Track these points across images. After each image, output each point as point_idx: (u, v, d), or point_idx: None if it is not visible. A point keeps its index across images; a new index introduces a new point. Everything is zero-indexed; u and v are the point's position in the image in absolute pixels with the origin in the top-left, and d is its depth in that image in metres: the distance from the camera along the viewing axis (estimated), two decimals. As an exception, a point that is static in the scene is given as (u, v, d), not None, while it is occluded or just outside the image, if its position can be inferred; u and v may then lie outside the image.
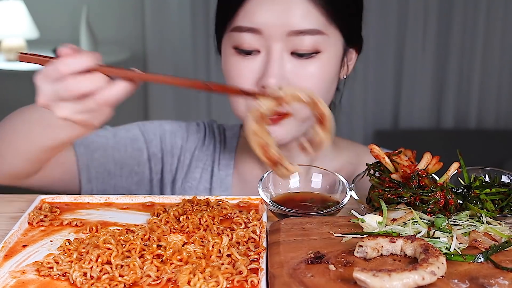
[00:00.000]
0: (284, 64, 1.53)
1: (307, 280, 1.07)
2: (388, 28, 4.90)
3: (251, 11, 1.52)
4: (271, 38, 1.52)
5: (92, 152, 1.77)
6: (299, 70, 1.54)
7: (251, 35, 1.53)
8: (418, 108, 5.02)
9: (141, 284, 1.13)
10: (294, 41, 1.52)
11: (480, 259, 1.15)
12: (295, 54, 1.54)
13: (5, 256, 1.23)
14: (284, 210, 1.37)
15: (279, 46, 1.52)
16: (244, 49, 1.55)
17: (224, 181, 1.80)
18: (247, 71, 1.55)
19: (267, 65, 1.53)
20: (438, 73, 4.98)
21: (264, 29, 1.51)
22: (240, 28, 1.54)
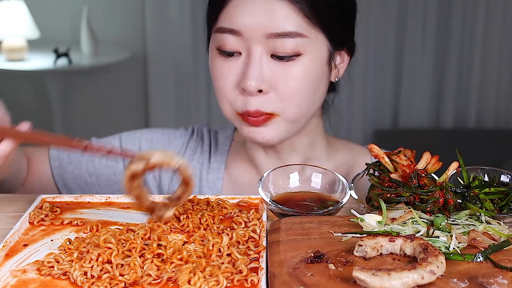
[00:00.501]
0: (264, 66, 1.53)
1: (306, 279, 1.07)
2: (388, 28, 4.91)
3: (232, 13, 1.53)
4: (251, 40, 1.52)
5: (66, 165, 1.82)
6: (279, 72, 1.54)
7: (232, 37, 1.53)
8: (418, 108, 5.03)
9: (141, 283, 1.13)
10: (274, 43, 1.52)
11: (479, 258, 1.15)
12: (275, 57, 1.53)
13: (6, 255, 1.23)
14: (284, 209, 1.37)
15: (259, 48, 1.52)
16: (225, 51, 1.56)
17: (215, 184, 1.80)
18: (228, 72, 1.56)
19: (247, 67, 1.53)
20: (438, 73, 4.99)
21: (244, 31, 1.52)
22: (222, 29, 1.55)
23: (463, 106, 5.03)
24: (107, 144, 1.85)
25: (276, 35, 1.51)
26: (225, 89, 1.57)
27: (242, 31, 1.52)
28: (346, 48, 1.67)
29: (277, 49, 1.52)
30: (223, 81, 1.57)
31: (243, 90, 1.54)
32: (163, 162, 1.29)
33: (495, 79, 4.97)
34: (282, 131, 1.60)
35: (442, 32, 4.90)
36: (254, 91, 1.52)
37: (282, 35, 1.51)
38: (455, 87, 5.00)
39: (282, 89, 1.55)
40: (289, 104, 1.56)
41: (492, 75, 4.96)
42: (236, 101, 1.57)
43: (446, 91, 5.00)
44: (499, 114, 5.04)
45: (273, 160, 1.74)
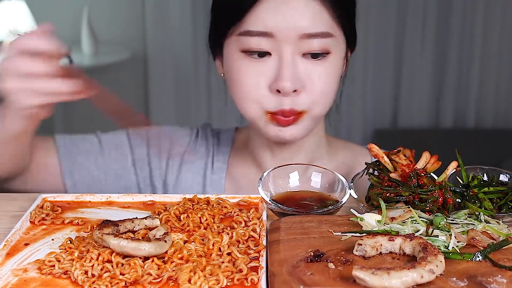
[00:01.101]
0: (297, 66, 1.53)
1: (306, 278, 1.07)
2: (387, 28, 4.91)
3: (262, 15, 1.51)
4: (283, 41, 1.52)
5: (75, 156, 1.80)
6: (311, 71, 1.55)
7: (263, 39, 1.52)
8: (417, 108, 5.03)
9: (142, 283, 1.13)
10: (305, 43, 1.52)
11: (478, 257, 1.15)
12: (307, 56, 1.54)
13: (7, 254, 1.24)
14: (284, 208, 1.38)
15: (291, 48, 1.52)
16: (255, 52, 1.54)
17: (218, 183, 1.81)
18: (258, 73, 1.55)
19: (280, 68, 1.53)
20: (437, 73, 4.99)
21: (277, 33, 1.51)
22: (251, 32, 1.53)
23: (462, 106, 5.03)
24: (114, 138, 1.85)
25: (309, 36, 1.52)
26: (254, 89, 1.56)
27: (275, 34, 1.51)
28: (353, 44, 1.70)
29: (308, 49, 1.53)
30: (252, 81, 1.55)
31: (277, 91, 1.53)
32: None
33: (494, 79, 4.98)
34: (307, 127, 1.61)
35: (442, 32, 4.90)
36: (290, 91, 1.52)
37: (315, 35, 1.52)
38: (454, 87, 5.00)
39: (314, 87, 1.55)
40: (319, 102, 1.58)
41: (492, 75, 4.96)
42: (267, 101, 1.56)
43: (446, 91, 5.00)
44: (498, 114, 5.04)
45: (278, 160, 1.73)
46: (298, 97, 1.55)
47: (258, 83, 1.55)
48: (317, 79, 1.55)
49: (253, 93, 1.56)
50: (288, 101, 1.54)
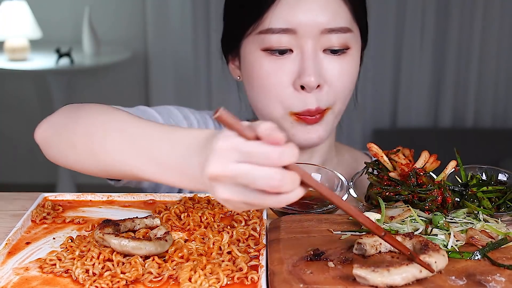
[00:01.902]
0: (319, 61, 1.54)
1: (306, 277, 1.08)
2: (386, 27, 4.92)
3: (284, 12, 1.51)
4: (305, 37, 1.52)
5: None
6: (333, 66, 1.55)
7: (284, 36, 1.52)
8: (416, 107, 5.04)
9: (142, 281, 1.13)
10: (326, 38, 1.52)
11: (477, 256, 1.15)
12: (328, 51, 1.54)
13: (9, 253, 1.24)
14: (284, 208, 1.37)
15: (312, 44, 1.52)
16: (277, 50, 1.54)
17: None
18: (281, 71, 1.54)
19: (303, 63, 1.52)
20: (436, 73, 5.00)
21: (299, 29, 1.51)
22: (272, 30, 1.52)
23: (461, 105, 5.04)
24: (162, 109, 1.69)
25: (330, 31, 1.52)
26: (278, 87, 1.55)
27: (297, 29, 1.51)
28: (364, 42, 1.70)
29: (329, 44, 1.53)
30: (274, 80, 1.54)
31: (301, 88, 1.53)
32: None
33: (492, 78, 4.99)
34: (331, 125, 1.61)
35: (440, 32, 4.91)
36: (314, 87, 1.52)
37: (336, 30, 1.52)
38: (453, 86, 5.01)
39: (336, 83, 1.55)
40: (340, 97, 1.58)
41: (490, 74, 4.97)
42: (292, 101, 1.55)
43: (444, 91, 5.01)
44: (497, 113, 5.05)
45: None
46: (321, 93, 1.54)
47: (281, 80, 1.54)
48: (339, 75, 1.55)
49: (277, 92, 1.55)
50: (313, 99, 1.54)
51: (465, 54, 4.93)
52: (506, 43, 4.93)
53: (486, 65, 4.95)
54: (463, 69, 4.97)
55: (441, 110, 5.05)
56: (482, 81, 4.99)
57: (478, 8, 4.82)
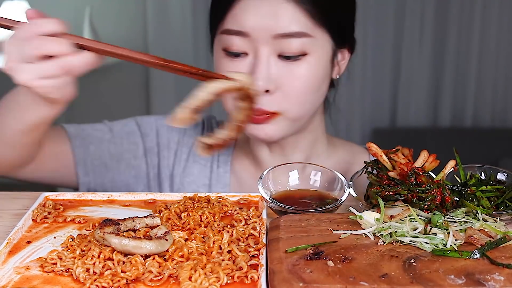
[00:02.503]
0: (271, 66, 1.54)
1: (306, 275, 1.08)
2: (386, 27, 4.92)
3: (239, 15, 1.54)
4: (258, 41, 1.53)
5: (88, 145, 1.78)
6: (286, 72, 1.55)
7: (239, 38, 1.54)
8: (415, 107, 5.04)
9: (143, 280, 1.13)
10: (280, 43, 1.53)
11: (476, 255, 1.16)
12: (282, 57, 1.54)
13: (10, 252, 1.24)
14: (284, 207, 1.38)
15: (266, 48, 1.54)
16: (232, 52, 1.56)
17: (223, 178, 1.81)
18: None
19: (255, 67, 1.54)
20: (435, 72, 5.01)
21: (252, 32, 1.53)
22: (229, 31, 1.56)
23: (460, 105, 5.04)
24: (124, 126, 1.83)
25: (282, 36, 1.52)
26: None
27: (249, 33, 1.53)
28: (347, 45, 1.69)
29: (283, 50, 1.54)
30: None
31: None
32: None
33: (491, 78, 4.99)
34: (284, 129, 1.62)
35: (439, 32, 4.92)
36: (262, 91, 1.53)
37: (289, 35, 1.52)
38: (452, 86, 5.01)
39: (288, 89, 1.56)
40: (294, 103, 1.58)
41: (489, 74, 4.98)
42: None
43: (443, 91, 5.02)
44: (496, 113, 5.06)
45: (276, 157, 1.75)
46: (270, 97, 1.55)
47: None
48: (292, 81, 1.56)
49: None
50: (259, 100, 1.53)
51: (464, 54, 4.94)
52: (505, 43, 4.93)
53: (485, 65, 4.96)
54: (462, 69, 4.98)
55: (440, 109, 5.05)
56: (481, 81, 5.00)
57: (477, 9, 4.83)
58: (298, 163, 1.56)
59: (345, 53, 1.70)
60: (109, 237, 1.19)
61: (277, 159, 1.73)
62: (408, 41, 4.93)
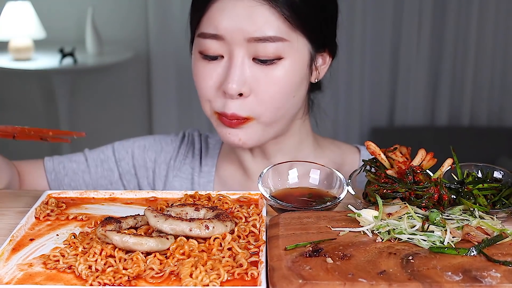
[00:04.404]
0: (245, 69, 1.53)
1: (305, 272, 1.09)
2: (384, 28, 4.94)
3: (213, 18, 1.53)
4: (233, 44, 1.52)
5: (63, 178, 1.85)
6: (260, 76, 1.54)
7: (214, 41, 1.54)
8: (413, 106, 5.06)
9: (144, 277, 1.14)
10: (255, 47, 1.52)
11: (473, 252, 1.16)
12: (257, 60, 1.53)
13: (13, 249, 1.25)
14: (283, 205, 1.39)
15: (241, 52, 1.53)
16: (208, 55, 1.56)
17: (206, 187, 1.81)
18: (210, 75, 1.56)
19: (229, 70, 1.53)
20: (432, 72, 5.02)
21: (225, 35, 1.52)
22: (204, 34, 1.55)
23: (457, 104, 5.05)
24: (100, 154, 1.88)
25: (257, 39, 1.51)
26: (206, 90, 1.58)
27: (223, 35, 1.52)
28: (327, 50, 1.66)
29: (258, 53, 1.52)
30: (204, 83, 1.58)
31: (224, 93, 1.55)
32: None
33: (488, 78, 5.01)
34: (258, 134, 1.60)
35: (437, 31, 4.93)
36: (235, 94, 1.53)
37: (263, 39, 1.51)
38: (449, 86, 5.03)
39: (263, 93, 1.55)
40: (268, 108, 1.56)
41: (485, 74, 5.00)
42: (216, 101, 1.58)
43: (441, 90, 5.03)
44: (492, 112, 5.07)
45: (259, 161, 1.75)
46: (243, 101, 1.55)
47: (209, 84, 1.57)
48: (265, 85, 1.54)
49: (206, 93, 1.59)
50: (233, 104, 1.55)
51: (461, 53, 4.96)
52: (501, 43, 4.95)
53: (482, 64, 4.97)
54: (459, 68, 4.99)
55: (437, 109, 5.07)
56: (478, 81, 5.01)
57: (474, 8, 4.84)
58: (299, 161, 1.55)
59: (326, 57, 1.67)
60: (110, 235, 1.20)
61: (261, 164, 1.73)
62: (406, 41, 4.94)
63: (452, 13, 4.85)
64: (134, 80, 5.35)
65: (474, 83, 5.01)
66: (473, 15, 4.84)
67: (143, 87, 5.33)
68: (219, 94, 1.57)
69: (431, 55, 4.97)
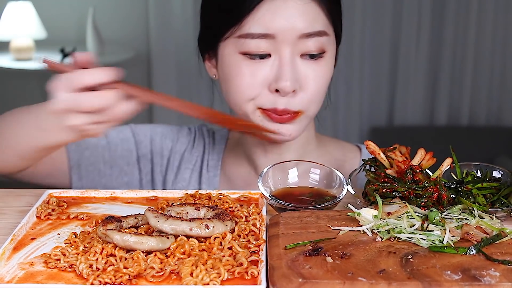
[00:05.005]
0: (296, 66, 1.55)
1: (305, 271, 1.09)
2: (383, 27, 4.94)
3: (264, 18, 1.52)
4: (283, 42, 1.53)
5: (83, 150, 1.80)
6: (309, 72, 1.56)
7: (264, 41, 1.53)
8: (412, 106, 5.06)
9: (145, 276, 1.14)
10: (304, 43, 1.54)
11: (472, 251, 1.17)
12: (305, 56, 1.56)
13: (14, 248, 1.25)
14: (283, 204, 1.39)
15: (290, 49, 1.54)
16: (257, 54, 1.55)
17: (212, 181, 1.82)
18: (257, 73, 1.55)
19: (280, 68, 1.54)
20: (432, 72, 5.03)
21: (278, 34, 1.52)
22: (252, 34, 1.54)
23: (456, 104, 5.06)
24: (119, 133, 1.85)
25: (307, 35, 1.53)
26: (251, 89, 1.57)
27: (275, 34, 1.52)
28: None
29: (306, 49, 1.55)
30: (249, 80, 1.56)
31: (276, 91, 1.55)
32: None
33: (487, 78, 5.01)
34: (303, 127, 1.63)
35: (436, 32, 4.93)
36: (290, 91, 1.54)
37: (313, 34, 1.54)
38: (448, 86, 5.03)
39: (311, 87, 1.57)
40: (314, 101, 1.60)
41: (484, 74, 5.00)
42: (262, 98, 1.57)
43: (440, 90, 5.03)
44: (491, 112, 5.08)
45: (272, 157, 1.75)
46: (294, 97, 1.56)
47: (257, 84, 1.56)
48: (314, 79, 1.57)
49: (251, 93, 1.57)
50: (283, 100, 1.56)
51: (460, 53, 4.96)
52: (500, 43, 4.95)
53: (481, 64, 4.98)
54: (458, 68, 5.00)
55: (437, 108, 5.07)
56: (476, 80, 5.01)
57: (473, 8, 4.84)
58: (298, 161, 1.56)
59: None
60: (111, 234, 1.20)
61: (271, 160, 1.73)
62: (405, 41, 4.94)
63: (451, 13, 4.86)
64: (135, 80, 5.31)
65: (473, 83, 5.01)
66: (472, 15, 4.85)
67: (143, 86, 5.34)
68: (265, 91, 1.57)
69: (430, 55, 4.98)
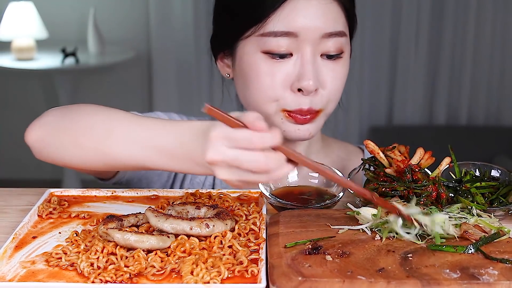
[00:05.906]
0: (317, 66, 1.55)
1: (305, 270, 1.10)
2: (383, 27, 4.94)
3: (288, 16, 1.52)
4: (305, 41, 1.53)
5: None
6: (327, 71, 1.57)
7: (286, 39, 1.53)
8: (411, 105, 5.06)
9: (145, 274, 1.15)
10: (324, 43, 1.54)
11: (470, 250, 1.17)
12: (325, 56, 1.56)
13: (16, 247, 1.26)
14: (283, 203, 1.40)
15: (311, 48, 1.54)
16: (279, 53, 1.54)
17: None
18: (279, 73, 1.55)
19: (302, 67, 1.53)
20: (431, 72, 5.03)
21: (300, 33, 1.52)
22: (275, 32, 1.53)
23: (455, 103, 5.06)
24: (151, 114, 1.77)
25: (329, 35, 1.54)
26: (274, 89, 1.55)
27: (298, 33, 1.52)
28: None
29: (326, 49, 1.55)
30: (273, 81, 1.55)
31: (299, 90, 1.54)
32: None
33: (486, 77, 5.01)
34: (321, 125, 1.64)
35: (435, 31, 4.93)
36: (313, 90, 1.54)
37: (334, 34, 1.54)
38: (447, 85, 5.03)
39: (331, 86, 1.57)
40: (332, 100, 1.60)
41: (483, 73, 5.00)
42: (286, 99, 1.56)
43: (439, 89, 5.03)
44: (490, 111, 5.08)
45: None
46: (316, 96, 1.56)
47: (279, 83, 1.55)
48: (333, 79, 1.57)
49: (273, 93, 1.56)
50: (307, 100, 1.55)
51: (459, 53, 4.96)
52: (499, 42, 4.95)
53: (480, 64, 4.98)
54: (457, 68, 5.00)
55: (435, 108, 5.07)
56: (475, 80, 5.01)
57: (472, 8, 4.84)
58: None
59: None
60: (112, 232, 1.21)
61: None
62: (404, 41, 4.95)
63: (450, 13, 4.86)
64: (136, 80, 5.36)
65: (472, 82, 5.01)
66: (471, 15, 4.85)
67: (144, 86, 5.35)
68: (287, 92, 1.56)
69: (429, 55, 4.98)
